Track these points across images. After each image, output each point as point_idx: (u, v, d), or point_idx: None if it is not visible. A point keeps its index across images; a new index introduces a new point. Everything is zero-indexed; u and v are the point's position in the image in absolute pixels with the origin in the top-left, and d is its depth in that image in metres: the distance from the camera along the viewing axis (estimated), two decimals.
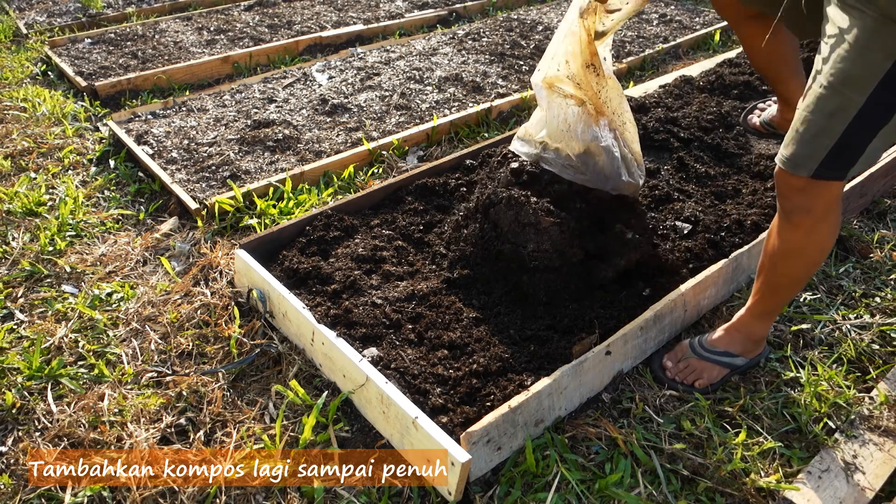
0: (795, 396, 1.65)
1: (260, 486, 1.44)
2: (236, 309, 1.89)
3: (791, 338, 1.83)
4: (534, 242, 1.74)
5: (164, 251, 2.25)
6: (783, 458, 1.51)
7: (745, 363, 1.69)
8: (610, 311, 1.73)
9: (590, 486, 1.43)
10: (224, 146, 2.84)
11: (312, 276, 1.89)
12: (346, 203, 2.20)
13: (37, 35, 4.29)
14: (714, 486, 1.42)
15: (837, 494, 1.40)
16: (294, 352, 1.77)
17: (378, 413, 1.51)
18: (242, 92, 3.40)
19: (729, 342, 1.68)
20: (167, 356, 1.80)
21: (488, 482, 1.44)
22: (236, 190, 2.40)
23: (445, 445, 1.32)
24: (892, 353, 1.80)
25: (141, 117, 3.13)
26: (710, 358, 1.68)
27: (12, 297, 2.04)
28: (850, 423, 1.57)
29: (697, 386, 1.65)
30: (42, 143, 2.92)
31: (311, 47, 4.07)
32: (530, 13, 4.65)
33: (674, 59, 4.00)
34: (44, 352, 1.80)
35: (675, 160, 2.46)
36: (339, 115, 3.15)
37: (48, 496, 1.43)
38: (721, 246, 1.98)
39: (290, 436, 1.54)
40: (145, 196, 2.59)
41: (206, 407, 1.63)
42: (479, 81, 3.50)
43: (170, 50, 4.01)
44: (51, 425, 1.59)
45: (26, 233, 2.33)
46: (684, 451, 1.50)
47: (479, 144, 2.58)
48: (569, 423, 1.57)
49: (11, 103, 3.29)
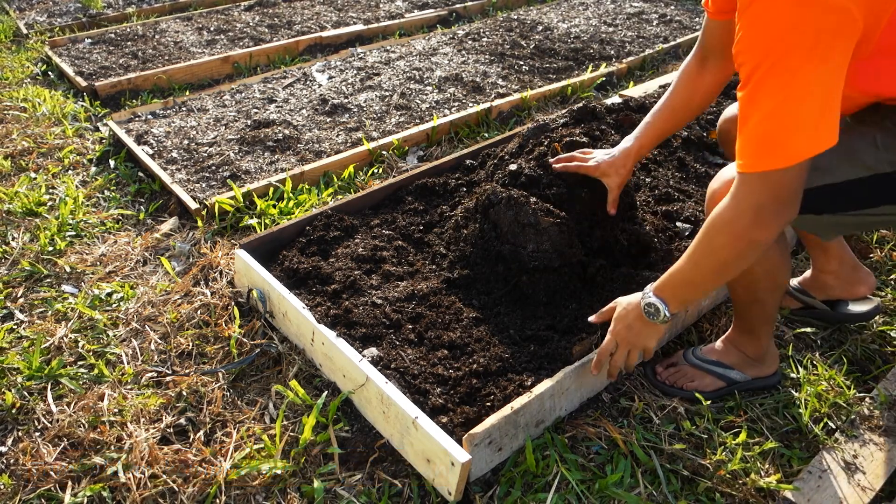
0: (796, 396, 1.65)
1: (260, 486, 1.44)
2: (236, 309, 1.89)
3: (791, 338, 1.83)
4: (533, 243, 1.74)
5: (164, 251, 2.25)
6: (783, 458, 1.51)
7: (745, 379, 1.65)
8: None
9: (590, 486, 1.43)
10: (224, 146, 2.85)
11: (312, 276, 1.89)
12: (346, 203, 2.20)
13: (37, 35, 4.29)
14: (714, 486, 1.42)
15: (837, 494, 1.40)
16: (294, 352, 1.77)
17: (378, 413, 1.51)
18: (242, 92, 3.40)
19: (722, 353, 1.67)
20: (167, 356, 1.80)
21: (488, 482, 1.44)
22: (236, 190, 2.40)
23: (445, 445, 1.32)
24: (893, 353, 1.80)
25: (141, 117, 3.13)
26: (702, 366, 1.67)
27: (12, 297, 2.04)
28: (850, 423, 1.57)
29: (687, 389, 1.64)
30: (42, 143, 2.92)
31: (311, 47, 4.07)
32: (530, 13, 4.65)
33: (674, 59, 4.00)
34: (44, 352, 1.80)
35: (675, 160, 2.46)
36: (339, 115, 3.15)
37: (48, 496, 1.43)
38: None
39: (290, 436, 1.54)
40: (145, 196, 2.59)
41: (206, 407, 1.63)
42: (479, 81, 3.50)
43: (170, 50, 4.01)
44: (51, 425, 1.59)
45: (26, 233, 2.33)
46: (684, 451, 1.50)
47: (479, 144, 2.58)
48: (569, 423, 1.57)
49: (11, 103, 3.29)
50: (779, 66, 1.04)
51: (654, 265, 1.87)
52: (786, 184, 1.12)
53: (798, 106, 1.05)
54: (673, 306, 1.38)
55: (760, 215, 1.16)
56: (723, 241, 1.22)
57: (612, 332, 1.47)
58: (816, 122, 1.06)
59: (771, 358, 1.66)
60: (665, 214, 2.13)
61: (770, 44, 1.04)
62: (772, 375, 1.67)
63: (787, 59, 1.03)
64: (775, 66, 1.04)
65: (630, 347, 1.47)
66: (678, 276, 1.35)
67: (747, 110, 1.10)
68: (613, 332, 1.47)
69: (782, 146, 1.08)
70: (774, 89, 1.05)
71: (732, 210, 1.19)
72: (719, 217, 1.22)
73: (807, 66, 1.03)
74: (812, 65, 1.03)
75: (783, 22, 1.02)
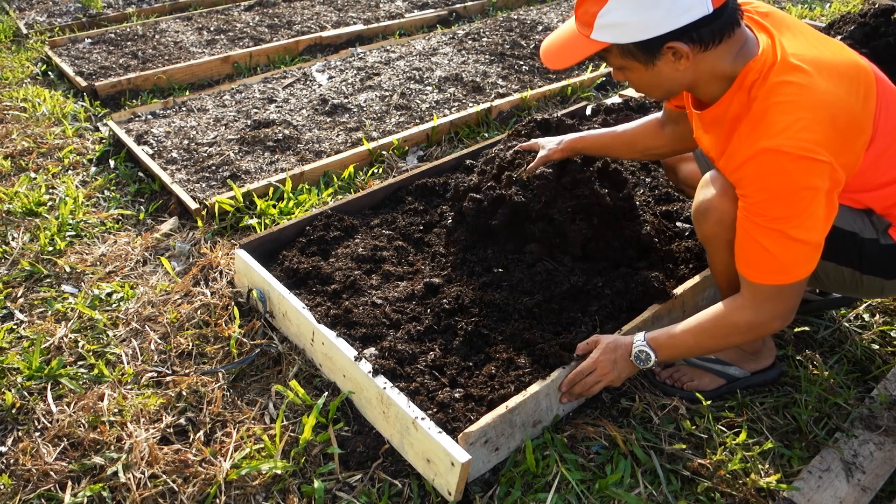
0: (796, 396, 1.65)
1: (260, 486, 1.44)
2: (236, 309, 1.89)
3: (792, 338, 1.83)
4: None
5: (164, 251, 2.25)
6: (783, 458, 1.51)
7: (745, 375, 1.66)
8: (609, 312, 1.73)
9: (590, 486, 1.43)
10: (224, 146, 2.84)
11: (312, 276, 1.89)
12: (346, 203, 2.20)
13: (37, 35, 4.29)
14: (714, 486, 1.42)
15: (837, 494, 1.40)
16: (294, 352, 1.77)
17: (378, 413, 1.51)
18: (242, 92, 3.40)
19: None
20: (167, 356, 1.80)
21: (488, 482, 1.44)
22: (236, 190, 2.40)
23: (445, 446, 1.32)
24: (892, 353, 1.80)
25: (141, 117, 3.13)
26: (701, 365, 1.67)
27: (12, 297, 2.04)
28: (850, 423, 1.57)
29: (686, 389, 1.64)
30: (42, 143, 2.92)
31: (311, 47, 4.07)
32: (530, 13, 4.65)
33: None
34: (44, 352, 1.80)
35: None
36: (339, 115, 3.15)
37: (48, 496, 1.43)
38: None
39: (290, 436, 1.54)
40: (145, 196, 2.59)
41: (206, 407, 1.63)
42: (479, 81, 3.50)
43: (170, 50, 4.01)
44: (51, 425, 1.59)
45: (26, 233, 2.33)
46: (684, 451, 1.50)
47: (479, 144, 2.58)
48: (568, 423, 1.57)
49: (11, 103, 3.29)
50: (793, 222, 1.23)
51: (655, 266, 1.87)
52: (802, 285, 1.32)
53: (813, 237, 1.25)
54: (661, 357, 1.48)
55: (782, 316, 1.34)
56: (739, 339, 1.41)
57: (595, 360, 1.51)
58: (822, 240, 1.27)
59: (768, 350, 1.67)
60: (665, 214, 2.13)
61: (789, 203, 1.22)
62: (771, 368, 1.68)
63: (804, 216, 1.22)
64: (790, 221, 1.23)
65: (604, 377, 1.51)
66: (680, 343, 1.46)
67: (768, 241, 1.26)
68: (597, 360, 1.51)
69: (803, 266, 1.28)
70: (792, 234, 1.24)
71: (752, 314, 1.35)
72: (737, 318, 1.37)
73: (816, 210, 1.22)
74: (820, 206, 1.22)
75: (794, 182, 1.20)
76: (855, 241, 1.40)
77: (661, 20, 1.23)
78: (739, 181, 1.29)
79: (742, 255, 1.33)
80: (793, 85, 1.22)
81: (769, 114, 1.22)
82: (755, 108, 1.24)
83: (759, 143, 1.21)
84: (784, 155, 1.19)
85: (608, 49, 1.34)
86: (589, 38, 1.32)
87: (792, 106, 1.21)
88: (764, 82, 1.25)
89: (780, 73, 1.24)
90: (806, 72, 1.23)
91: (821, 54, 1.29)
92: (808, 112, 1.20)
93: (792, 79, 1.23)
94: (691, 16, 1.22)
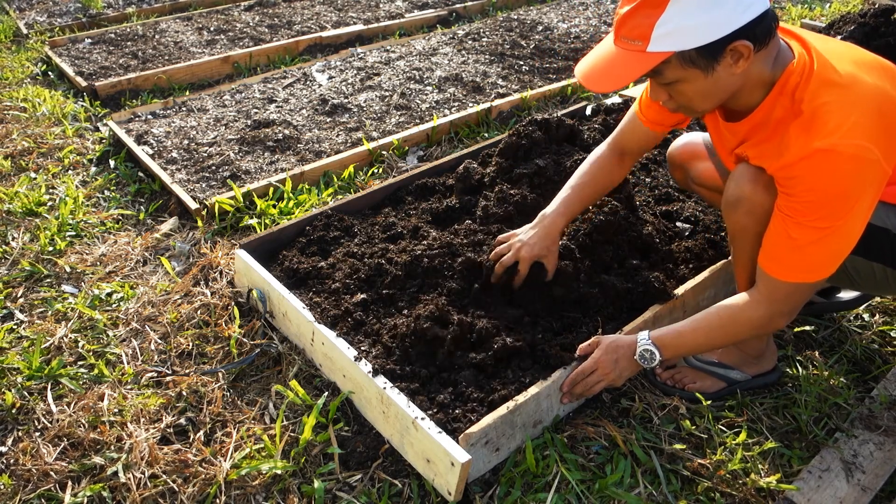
0: (796, 396, 1.65)
1: (260, 486, 1.44)
2: (236, 309, 1.89)
3: (792, 338, 1.83)
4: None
5: (164, 251, 2.25)
6: (783, 458, 1.51)
7: (746, 378, 1.66)
8: (609, 312, 1.73)
9: (590, 486, 1.43)
10: (224, 146, 2.84)
11: (312, 276, 1.89)
12: (346, 203, 2.20)
13: (37, 35, 4.29)
14: (714, 486, 1.42)
15: (837, 494, 1.40)
16: (294, 352, 1.77)
17: (378, 413, 1.51)
18: (242, 92, 3.40)
19: (723, 353, 1.67)
20: (167, 356, 1.80)
21: (488, 482, 1.44)
22: (236, 190, 2.40)
23: (445, 446, 1.32)
24: (893, 353, 1.80)
25: (141, 117, 3.13)
26: (703, 367, 1.67)
27: (12, 297, 2.04)
28: (850, 423, 1.57)
29: (688, 390, 1.64)
30: (42, 143, 2.92)
31: (311, 47, 4.07)
32: (530, 13, 4.65)
33: None
34: (44, 352, 1.80)
35: None
36: (339, 115, 3.15)
37: (48, 496, 1.43)
38: (721, 246, 1.97)
39: (290, 436, 1.54)
40: (145, 196, 2.59)
41: (206, 407, 1.63)
42: (479, 81, 3.50)
43: (170, 50, 4.01)
44: (51, 425, 1.59)
45: (26, 233, 2.33)
46: (684, 451, 1.50)
47: (479, 144, 2.58)
48: (568, 423, 1.57)
49: (11, 103, 3.29)
50: (837, 223, 1.23)
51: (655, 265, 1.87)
52: (819, 284, 1.35)
53: (852, 240, 1.27)
54: (666, 356, 1.48)
55: (790, 314, 1.37)
56: (747, 335, 1.44)
57: (596, 360, 1.51)
58: (857, 241, 1.28)
59: (770, 353, 1.67)
60: (665, 214, 2.13)
61: (837, 203, 1.22)
62: (772, 371, 1.68)
63: (848, 216, 1.23)
64: (835, 222, 1.23)
65: (605, 377, 1.51)
66: (688, 341, 1.47)
67: (805, 240, 1.26)
68: (598, 360, 1.51)
69: (832, 267, 1.30)
70: (834, 235, 1.25)
71: (766, 309, 1.36)
72: (751, 314, 1.38)
73: (860, 212, 1.24)
74: (864, 208, 1.24)
75: (846, 183, 1.20)
76: (888, 237, 1.39)
77: (727, 18, 1.18)
78: (788, 181, 1.26)
79: (771, 249, 1.33)
80: (837, 85, 1.22)
81: (819, 114, 1.21)
82: (805, 111, 1.23)
83: (812, 144, 1.20)
84: (838, 155, 1.18)
85: (667, 61, 1.24)
86: (645, 51, 1.22)
87: (840, 105, 1.20)
88: (807, 85, 1.24)
89: (822, 74, 1.24)
90: (847, 71, 1.23)
91: (853, 53, 1.29)
92: (857, 108, 1.19)
93: (835, 78, 1.23)
94: (753, 11, 1.19)
